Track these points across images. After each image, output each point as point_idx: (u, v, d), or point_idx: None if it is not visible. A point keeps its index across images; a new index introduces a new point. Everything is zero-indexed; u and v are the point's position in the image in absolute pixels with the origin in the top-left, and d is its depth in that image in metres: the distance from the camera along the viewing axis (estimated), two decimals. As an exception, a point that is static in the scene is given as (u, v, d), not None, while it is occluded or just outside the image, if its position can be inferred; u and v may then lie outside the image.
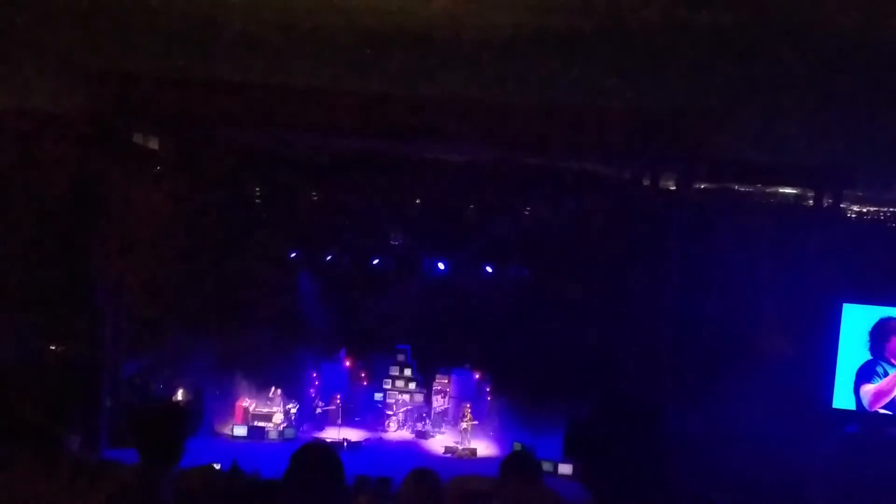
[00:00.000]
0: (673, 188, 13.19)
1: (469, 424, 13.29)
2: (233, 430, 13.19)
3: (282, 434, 13.20)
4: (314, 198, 14.39)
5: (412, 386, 14.14)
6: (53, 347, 12.28)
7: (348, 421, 13.77)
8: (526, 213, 14.45)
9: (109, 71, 11.97)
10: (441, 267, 14.42)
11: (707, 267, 12.13)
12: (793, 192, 14.69)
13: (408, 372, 14.17)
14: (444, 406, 14.08)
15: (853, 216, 15.06)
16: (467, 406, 13.49)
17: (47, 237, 12.03)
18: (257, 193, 14.31)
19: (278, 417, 13.40)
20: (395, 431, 13.83)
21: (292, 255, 14.32)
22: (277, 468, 3.58)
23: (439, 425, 13.95)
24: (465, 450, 13.04)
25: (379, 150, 13.44)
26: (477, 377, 14.20)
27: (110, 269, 12.39)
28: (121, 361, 12.59)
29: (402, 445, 13.44)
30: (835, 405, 11.38)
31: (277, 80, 12.44)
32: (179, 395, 13.32)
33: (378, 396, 14.11)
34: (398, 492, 4.05)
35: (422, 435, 13.72)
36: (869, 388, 11.29)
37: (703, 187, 13.96)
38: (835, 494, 8.42)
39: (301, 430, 13.44)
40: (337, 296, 14.24)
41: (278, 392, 13.66)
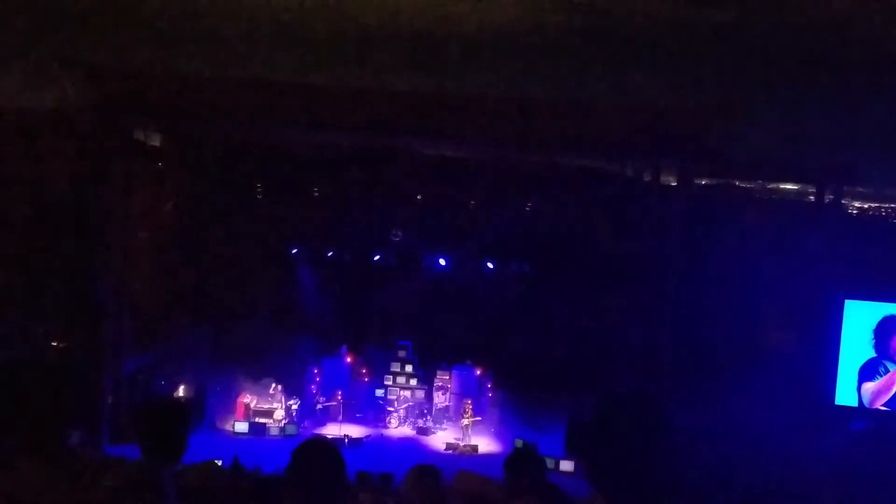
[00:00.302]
0: (674, 184, 13.16)
1: (470, 421, 13.29)
2: (234, 427, 13.21)
3: (283, 430, 13.21)
4: (315, 194, 14.38)
5: (413, 382, 14.15)
6: (56, 344, 12.30)
7: (349, 417, 13.79)
8: (527, 209, 14.43)
9: (110, 68, 11.96)
10: (442, 263, 14.41)
11: (709, 263, 12.11)
12: (794, 188, 14.65)
13: (409, 368, 14.18)
14: (445, 402, 14.08)
15: (855, 212, 15.02)
16: (468, 402, 13.50)
17: (49, 234, 12.05)
18: (259, 190, 14.30)
19: (279, 414, 13.42)
20: (397, 428, 13.84)
21: (293, 252, 14.33)
22: (279, 464, 3.59)
23: (440, 422, 13.96)
24: (466, 446, 13.05)
25: (380, 146, 13.42)
26: (478, 373, 14.21)
27: (112, 266, 12.41)
28: (123, 358, 12.61)
29: (404, 442, 13.45)
30: (837, 402, 11.39)
31: (279, 77, 12.42)
32: (181, 391, 13.36)
33: (379, 393, 14.11)
34: (400, 488, 4.05)
35: (423, 431, 13.72)
36: (869, 387, 11.30)
37: (704, 183, 13.94)
38: (842, 492, 8.40)
39: (302, 426, 13.45)
40: (338, 292, 14.25)
41: (279, 388, 13.67)
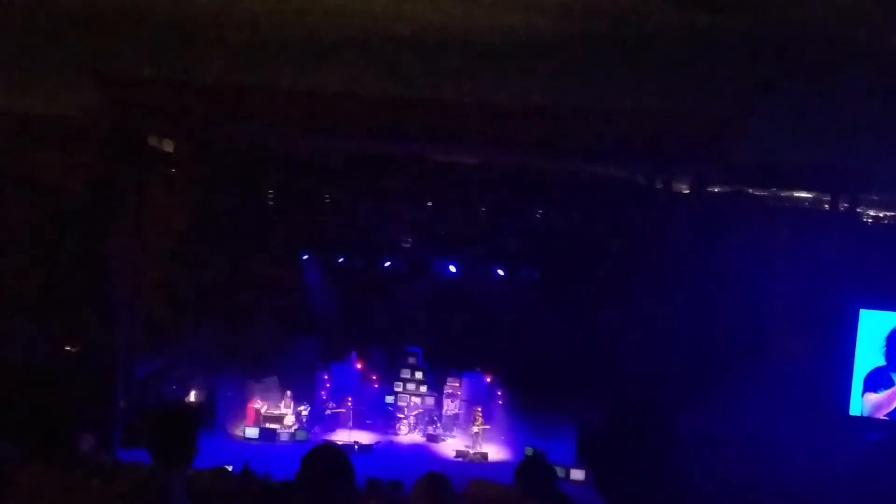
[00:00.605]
0: (686, 192, 13.10)
1: (480, 428, 13.25)
2: (244, 432, 13.23)
3: (293, 436, 13.22)
4: (326, 200, 14.43)
5: (423, 389, 14.12)
6: (69, 348, 12.39)
7: (359, 423, 13.78)
8: (537, 215, 14.41)
9: (125, 76, 12.09)
10: (452, 269, 14.40)
11: (722, 272, 12.03)
12: (809, 196, 14.54)
13: (419, 375, 14.15)
14: (455, 409, 14.04)
15: (870, 220, 14.89)
16: (478, 409, 13.45)
17: (64, 239, 12.16)
18: (270, 196, 14.37)
19: (289, 419, 13.43)
20: (406, 434, 13.81)
21: (304, 257, 14.37)
22: (289, 470, 3.58)
23: (450, 429, 13.92)
24: (476, 453, 12.99)
25: (391, 152, 13.46)
26: (488, 380, 14.16)
27: (125, 271, 12.49)
28: (135, 362, 12.68)
29: (413, 449, 13.42)
30: (852, 412, 11.26)
31: (291, 84, 12.50)
32: (192, 396, 13.40)
33: (389, 399, 14.10)
34: (409, 496, 4.03)
35: (433, 438, 13.69)
36: (871, 398, 11.21)
37: (716, 191, 13.86)
38: (856, 502, 8.29)
39: (312, 431, 13.46)
40: (348, 298, 14.27)
41: (289, 394, 13.69)
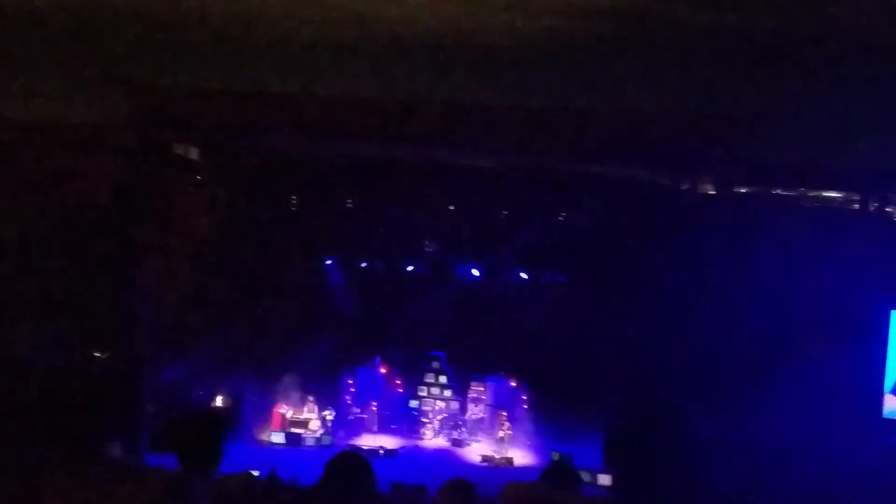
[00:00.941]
0: (712, 193, 12.92)
1: (506, 433, 13.17)
2: (270, 437, 13.29)
3: (318, 441, 13.25)
4: (349, 205, 14.47)
5: (447, 393, 14.08)
6: (97, 354, 12.55)
7: (384, 428, 13.78)
8: (560, 218, 14.30)
9: (150, 83, 12.23)
10: (475, 273, 14.36)
11: (749, 274, 11.83)
12: (837, 195, 14.26)
13: (443, 379, 14.12)
14: (479, 414, 13.98)
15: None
16: (503, 414, 13.38)
17: (90, 246, 12.32)
18: (293, 201, 14.45)
19: (315, 424, 13.47)
20: (431, 439, 13.78)
21: (327, 262, 14.42)
22: (314, 475, 3.56)
23: (475, 433, 13.86)
24: (501, 458, 12.92)
25: (413, 157, 13.46)
26: (513, 385, 14.08)
27: (152, 277, 12.64)
28: (162, 368, 12.81)
29: (438, 453, 13.38)
30: (885, 415, 11.03)
31: (313, 90, 12.55)
32: (218, 401, 13.49)
33: (413, 404, 14.08)
34: (433, 501, 4.00)
35: (458, 443, 13.64)
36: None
37: (743, 192, 13.64)
38: None
39: (337, 436, 13.48)
40: (372, 302, 14.29)
41: (314, 399, 13.73)
